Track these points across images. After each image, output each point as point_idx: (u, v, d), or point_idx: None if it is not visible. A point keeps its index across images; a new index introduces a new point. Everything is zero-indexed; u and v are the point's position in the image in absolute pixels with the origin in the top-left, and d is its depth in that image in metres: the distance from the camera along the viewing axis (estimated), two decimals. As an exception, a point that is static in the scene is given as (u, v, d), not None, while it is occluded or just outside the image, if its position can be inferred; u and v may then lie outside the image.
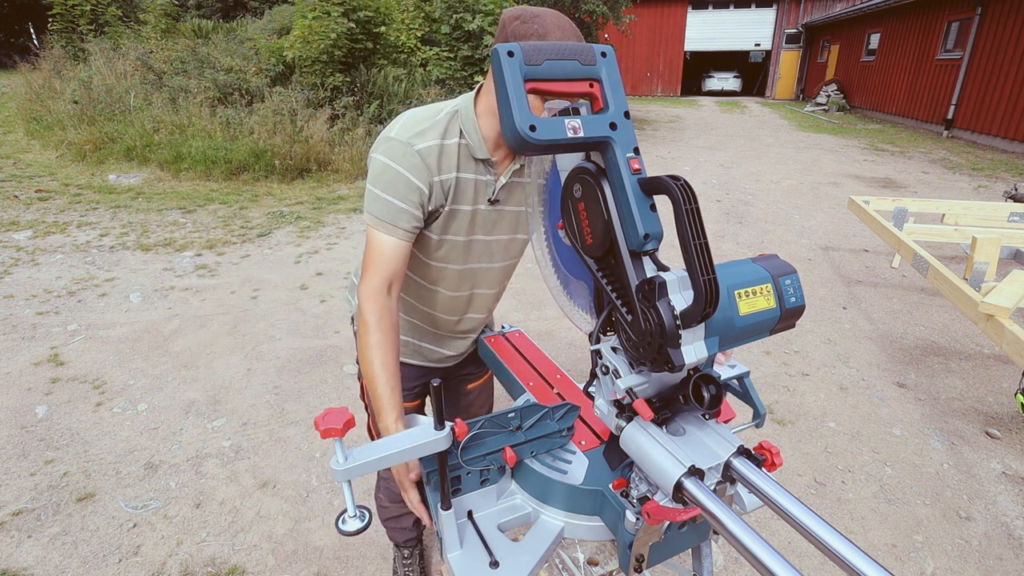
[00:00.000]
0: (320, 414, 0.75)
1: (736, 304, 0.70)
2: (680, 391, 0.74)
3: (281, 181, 7.18)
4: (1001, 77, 10.34)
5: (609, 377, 0.77)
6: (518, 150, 0.70)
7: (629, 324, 0.71)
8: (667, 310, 0.65)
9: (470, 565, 0.82)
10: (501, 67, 0.69)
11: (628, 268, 0.71)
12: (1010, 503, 2.33)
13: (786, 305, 0.74)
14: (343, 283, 4.35)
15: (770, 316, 0.73)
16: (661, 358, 0.67)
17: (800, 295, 0.75)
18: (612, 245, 0.72)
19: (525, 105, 0.68)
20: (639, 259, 0.71)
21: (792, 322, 0.76)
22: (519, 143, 0.68)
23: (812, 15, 21.44)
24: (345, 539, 2.11)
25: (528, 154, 0.71)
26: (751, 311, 0.71)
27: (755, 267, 0.75)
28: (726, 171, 8.69)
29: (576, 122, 0.69)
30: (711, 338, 0.68)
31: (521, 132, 0.67)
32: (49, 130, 8.68)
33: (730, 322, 0.70)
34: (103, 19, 12.63)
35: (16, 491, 2.29)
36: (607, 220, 0.71)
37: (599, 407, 0.83)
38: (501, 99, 0.69)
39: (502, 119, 0.69)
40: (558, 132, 0.68)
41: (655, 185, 0.67)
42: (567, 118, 0.70)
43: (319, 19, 8.06)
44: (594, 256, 0.76)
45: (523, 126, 0.67)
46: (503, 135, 0.70)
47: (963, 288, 2.82)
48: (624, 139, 0.71)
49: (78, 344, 3.39)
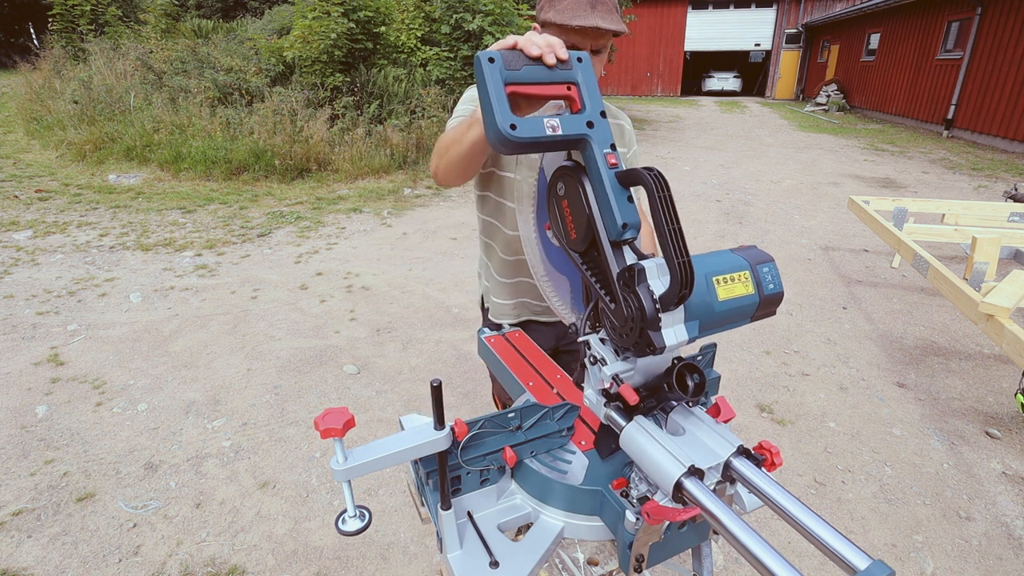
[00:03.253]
0: (320, 414, 0.75)
1: (714, 290, 0.72)
2: (665, 379, 0.76)
3: (281, 181, 7.18)
4: (1001, 77, 10.35)
5: (597, 366, 0.78)
6: (501, 149, 0.72)
7: (612, 312, 0.73)
8: (646, 294, 0.67)
9: (470, 565, 0.82)
10: (483, 72, 0.72)
11: (609, 257, 0.73)
12: (1010, 503, 2.33)
13: (764, 291, 0.75)
14: (341, 283, 4.35)
15: (749, 302, 0.75)
16: (643, 341, 0.69)
17: (778, 282, 0.77)
18: (594, 238, 0.75)
19: (506, 106, 0.71)
20: (619, 249, 0.74)
21: (772, 309, 0.78)
22: (502, 141, 0.70)
23: (812, 15, 21.45)
24: (345, 539, 2.11)
25: (511, 152, 0.74)
26: (729, 296, 0.73)
27: (732, 255, 0.77)
28: (726, 171, 8.69)
29: (555, 121, 0.73)
30: (691, 322, 0.70)
31: (503, 131, 0.69)
32: (49, 130, 8.68)
33: (709, 307, 0.72)
34: (103, 19, 12.64)
35: (16, 491, 2.29)
36: (588, 213, 0.74)
37: (588, 397, 0.85)
38: (484, 102, 0.72)
39: (485, 121, 0.72)
40: (538, 130, 0.71)
41: (631, 177, 0.70)
42: (546, 117, 0.72)
43: (319, 19, 8.06)
44: (578, 251, 0.79)
45: (504, 125, 0.69)
46: (487, 136, 0.73)
47: (963, 288, 2.82)
48: (600, 136, 0.74)
49: (78, 344, 3.39)
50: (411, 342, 3.52)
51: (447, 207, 6.55)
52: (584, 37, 1.22)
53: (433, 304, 4.03)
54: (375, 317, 3.83)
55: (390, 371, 3.20)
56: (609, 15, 1.21)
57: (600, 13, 1.20)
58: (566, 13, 1.19)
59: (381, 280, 4.43)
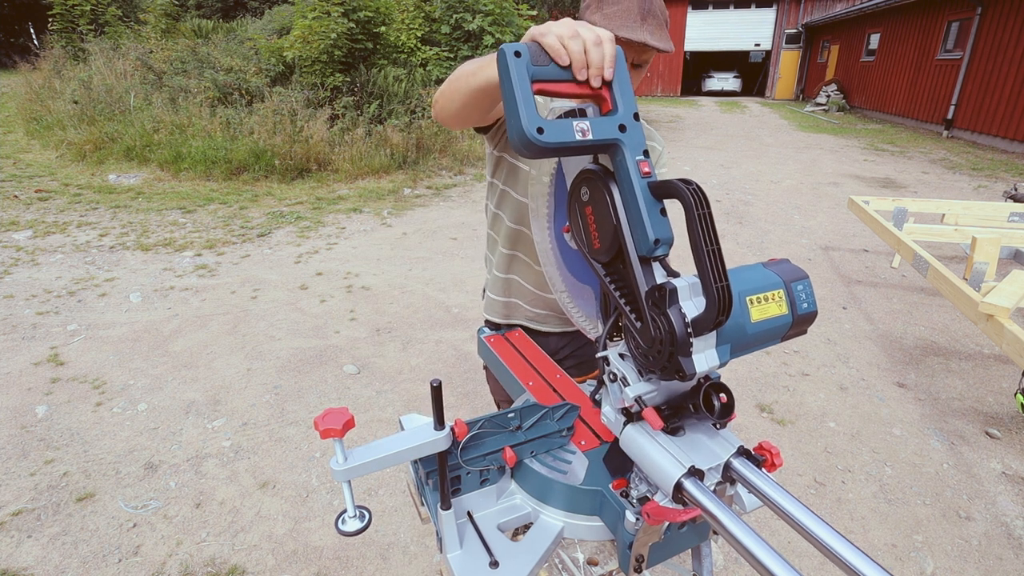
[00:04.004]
0: (320, 414, 0.75)
1: (748, 311, 0.68)
2: (690, 399, 0.73)
3: (281, 181, 7.18)
4: (1001, 77, 10.34)
5: (617, 384, 0.75)
6: (525, 153, 0.67)
7: (638, 331, 0.69)
8: (678, 317, 0.63)
9: (470, 565, 0.82)
10: (508, 68, 0.66)
11: (637, 273, 0.69)
12: (1010, 503, 2.33)
13: (798, 311, 0.72)
14: (341, 283, 4.35)
15: (782, 323, 0.71)
16: (671, 366, 0.65)
17: (812, 301, 0.73)
18: (620, 250, 0.70)
19: (533, 107, 0.65)
20: (648, 264, 0.69)
21: (804, 328, 0.74)
22: (526, 145, 0.65)
23: (812, 15, 21.44)
24: (345, 539, 2.11)
25: (536, 157, 0.68)
26: (763, 317, 0.69)
27: (767, 272, 0.73)
28: (726, 171, 8.69)
29: (584, 124, 0.67)
30: (723, 346, 0.67)
31: (528, 134, 0.64)
32: (49, 130, 8.68)
33: (742, 329, 0.68)
34: (103, 19, 12.64)
35: (16, 491, 2.29)
36: (615, 224, 0.69)
37: (606, 415, 0.82)
38: (507, 100, 0.66)
39: (508, 121, 0.66)
40: (567, 135, 0.66)
41: (666, 189, 0.65)
42: (575, 120, 0.67)
43: (319, 19, 8.06)
44: (601, 261, 0.74)
45: (531, 128, 0.64)
46: (509, 137, 0.67)
47: (963, 288, 2.82)
48: (634, 142, 0.69)
49: (78, 344, 3.39)
50: (411, 342, 3.52)
51: (447, 207, 6.55)
52: (628, 50, 1.13)
53: (433, 304, 4.03)
54: (375, 317, 3.83)
55: (390, 371, 3.20)
56: (659, 31, 1.13)
57: (650, 27, 1.12)
58: (614, 21, 1.11)
59: (381, 280, 4.43)
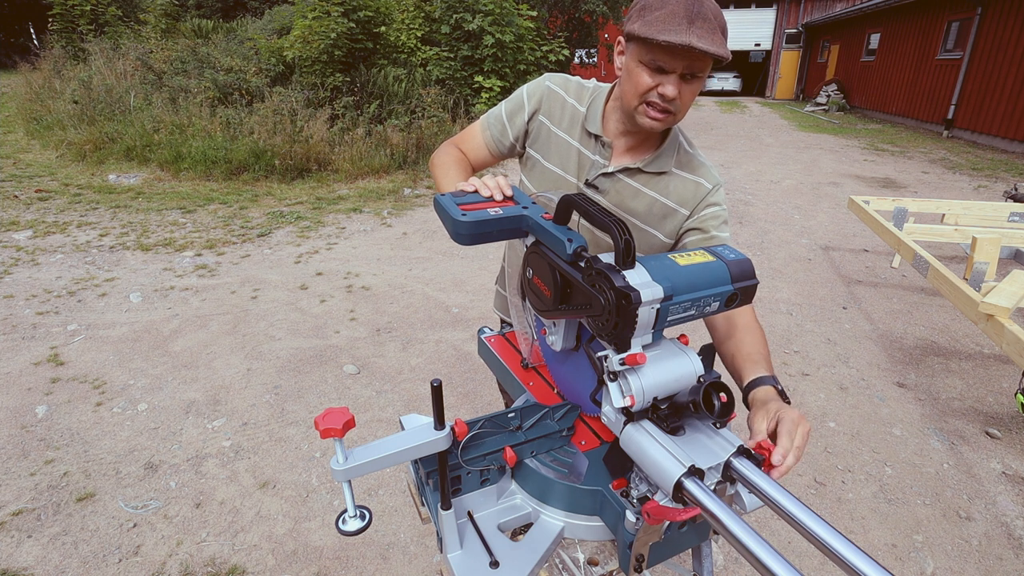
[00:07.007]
0: (320, 414, 0.75)
1: (674, 260, 0.77)
2: (691, 399, 0.75)
3: (281, 181, 7.18)
4: (1001, 77, 10.34)
5: (616, 384, 0.77)
6: (459, 239, 0.90)
7: (595, 312, 0.76)
8: (605, 267, 0.74)
9: (470, 565, 0.82)
10: (440, 202, 0.97)
11: (573, 273, 0.80)
12: (1010, 503, 2.33)
13: (726, 258, 0.79)
14: (341, 283, 4.35)
15: (715, 266, 0.77)
16: (625, 306, 0.71)
17: (738, 252, 0.81)
18: (561, 277, 0.82)
19: (457, 209, 0.92)
20: (577, 263, 0.81)
21: (751, 277, 0.79)
22: (456, 228, 0.90)
23: (812, 15, 21.44)
24: (345, 539, 2.11)
25: (469, 242, 0.90)
26: (690, 263, 0.77)
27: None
28: (726, 171, 8.69)
29: (498, 210, 0.93)
30: (662, 283, 0.73)
31: (456, 218, 0.90)
32: (49, 130, 8.68)
33: (671, 269, 0.75)
34: (103, 19, 12.63)
35: (16, 491, 2.29)
36: (550, 261, 0.84)
37: (606, 414, 0.83)
38: (442, 215, 0.95)
39: (446, 225, 0.94)
40: (483, 215, 0.91)
41: (562, 209, 0.85)
42: (491, 209, 0.94)
43: (319, 19, 8.06)
44: (559, 305, 0.84)
45: (457, 214, 0.90)
46: (448, 233, 0.91)
47: (963, 288, 2.82)
48: (535, 211, 0.92)
49: (78, 344, 3.39)
50: (411, 342, 3.52)
51: (447, 207, 6.55)
52: (672, 57, 0.98)
53: (433, 304, 4.03)
54: (375, 317, 3.83)
55: (390, 371, 3.20)
56: (710, 35, 0.95)
57: (698, 30, 0.94)
58: (655, 26, 0.95)
59: (381, 280, 4.43)
